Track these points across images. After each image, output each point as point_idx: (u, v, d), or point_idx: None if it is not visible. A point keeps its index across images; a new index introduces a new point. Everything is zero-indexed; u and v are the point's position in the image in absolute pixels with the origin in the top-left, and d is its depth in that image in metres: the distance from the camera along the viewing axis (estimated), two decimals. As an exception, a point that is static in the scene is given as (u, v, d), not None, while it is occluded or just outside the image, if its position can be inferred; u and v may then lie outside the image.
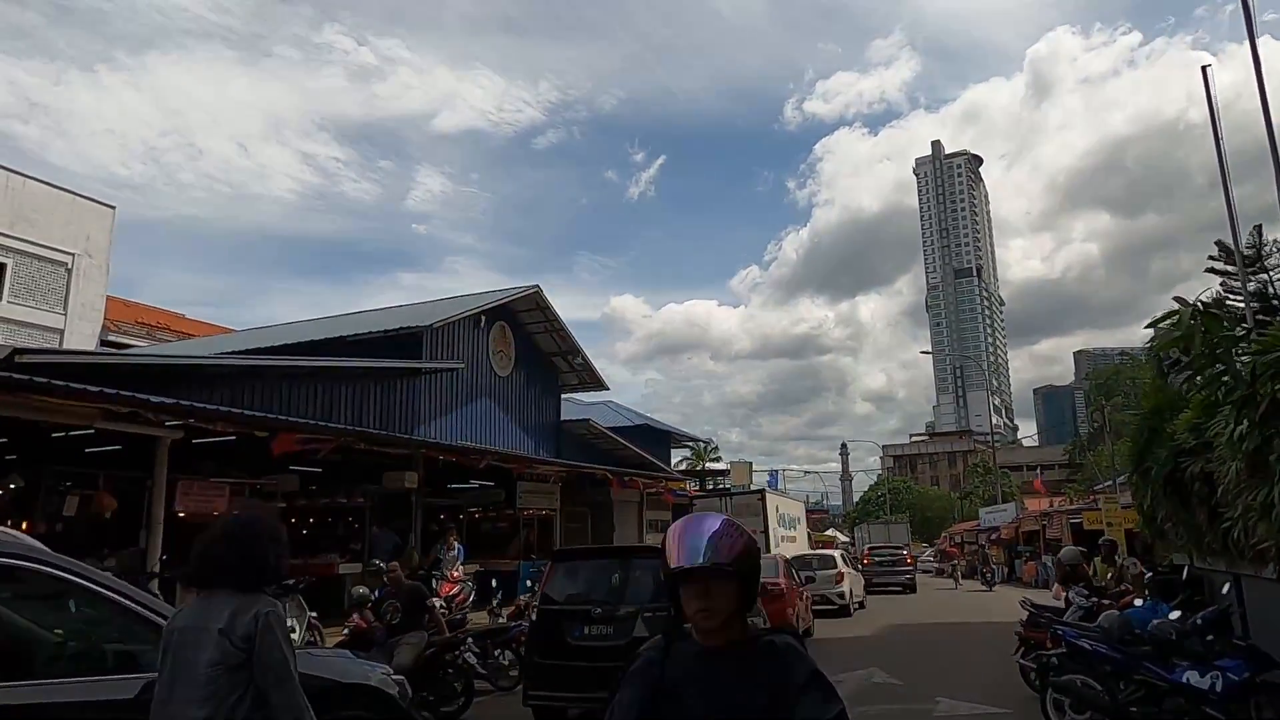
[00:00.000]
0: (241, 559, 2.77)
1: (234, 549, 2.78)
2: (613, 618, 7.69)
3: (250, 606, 2.69)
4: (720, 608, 1.80)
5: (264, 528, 2.88)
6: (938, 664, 12.28)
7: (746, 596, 1.85)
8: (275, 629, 2.69)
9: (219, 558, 2.78)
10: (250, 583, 2.77)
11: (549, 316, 22.75)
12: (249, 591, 2.75)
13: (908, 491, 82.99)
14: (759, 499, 22.44)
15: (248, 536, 2.82)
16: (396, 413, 17.83)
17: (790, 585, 13.90)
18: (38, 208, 28.74)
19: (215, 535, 2.86)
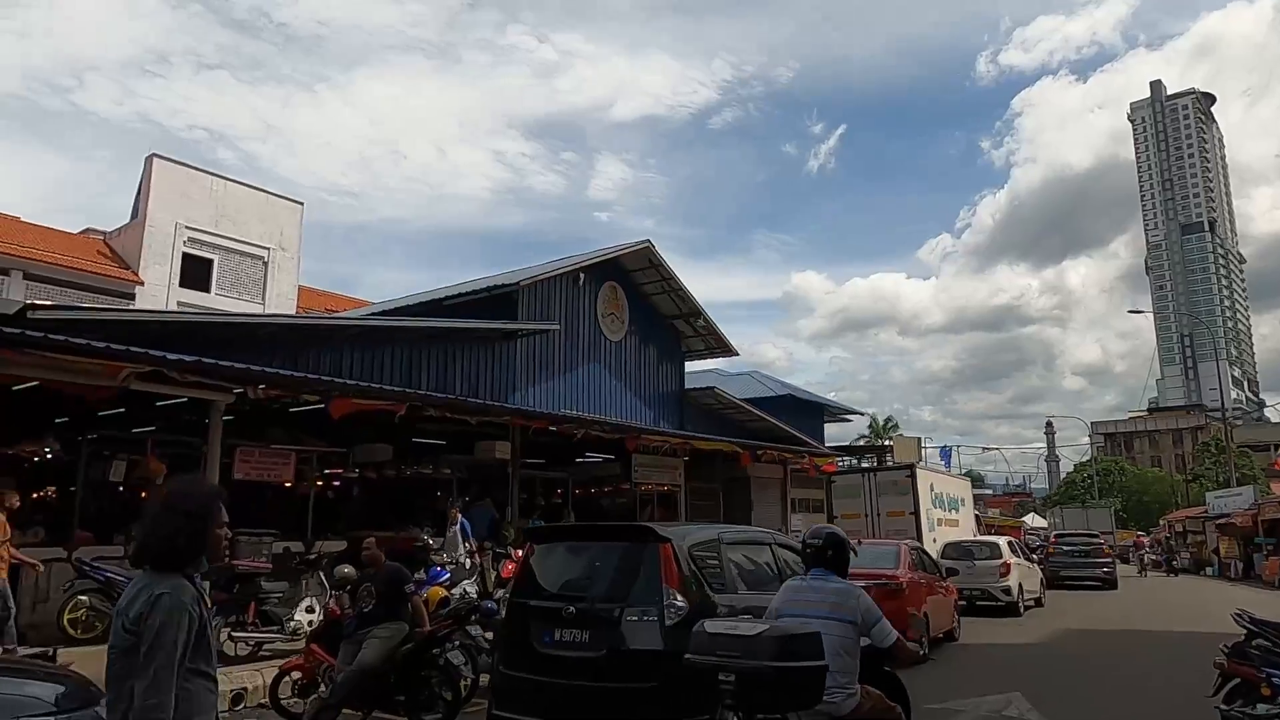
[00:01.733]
0: (155, 537, 2.61)
1: (151, 526, 2.64)
2: (589, 619, 5.72)
3: (154, 587, 2.51)
4: None
5: (182, 503, 2.65)
6: (1105, 694, 9.25)
7: None
8: (159, 614, 2.45)
9: (140, 535, 2.69)
10: (164, 562, 2.58)
11: (663, 275, 20.76)
12: (164, 571, 2.57)
13: (1120, 473, 73.59)
14: (908, 476, 19.41)
15: (164, 512, 2.65)
16: (488, 379, 16.61)
17: (918, 579, 11.21)
18: (238, 207, 31.04)
19: (146, 511, 2.82)
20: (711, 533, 6.39)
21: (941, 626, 12.24)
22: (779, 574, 6.94)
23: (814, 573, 4.41)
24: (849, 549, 4.49)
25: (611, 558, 6.08)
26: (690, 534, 6.21)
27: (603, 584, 5.96)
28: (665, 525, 6.09)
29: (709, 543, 6.22)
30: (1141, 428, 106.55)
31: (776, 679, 3.59)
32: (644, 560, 5.83)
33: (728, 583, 6.12)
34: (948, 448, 47.83)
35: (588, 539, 6.40)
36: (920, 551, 12.33)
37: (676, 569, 5.68)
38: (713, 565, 6.13)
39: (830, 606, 4.14)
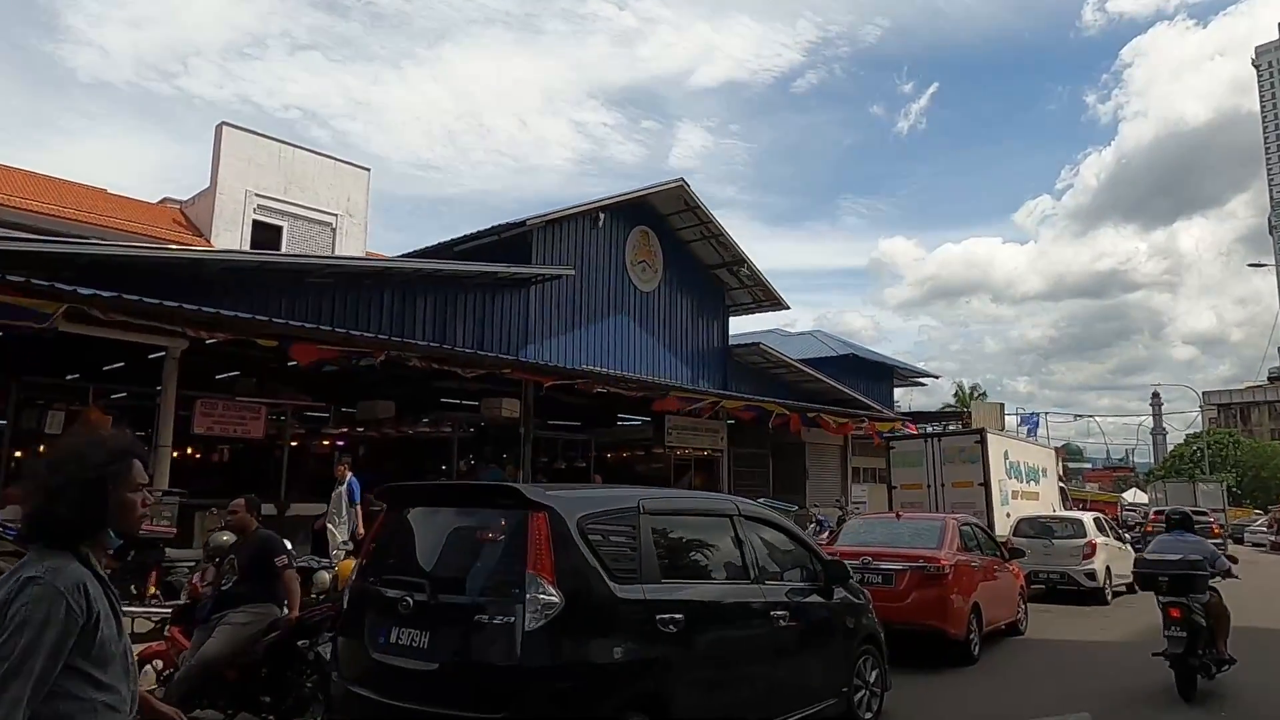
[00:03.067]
0: (36, 504, 2.03)
1: (32, 490, 2.05)
2: (431, 615, 4.06)
3: (26, 569, 1.95)
4: None
5: (71, 461, 2.04)
6: (1204, 716, 7.08)
7: None
8: (20, 604, 1.86)
9: (23, 503, 2.12)
10: (52, 536, 1.99)
11: (701, 218, 18.77)
12: (53, 548, 1.98)
13: (1235, 446, 67.57)
14: (976, 441, 17.00)
15: (48, 473, 2.04)
16: (498, 330, 15.10)
17: (967, 562, 9.12)
18: (305, 174, 30.88)
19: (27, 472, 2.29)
20: (623, 499, 4.61)
21: (1001, 618, 10.12)
22: (744, 561, 5.14)
23: (1175, 532, 8.16)
24: (1192, 518, 8.60)
25: (472, 530, 4.38)
26: (586, 500, 4.45)
27: (454, 566, 4.28)
28: (556, 487, 4.35)
29: (617, 513, 4.45)
30: (1260, 398, 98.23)
31: (1186, 578, 7.41)
32: (509, 536, 4.11)
33: (644, 569, 4.36)
34: (1034, 415, 43.80)
35: (449, 502, 4.65)
36: (975, 528, 10.18)
37: (550, 550, 3.94)
38: (622, 545, 4.36)
39: (1190, 549, 7.75)
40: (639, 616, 4.22)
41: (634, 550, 4.37)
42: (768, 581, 5.30)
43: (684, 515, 5.08)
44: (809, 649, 5.54)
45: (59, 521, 2.01)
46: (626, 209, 17.85)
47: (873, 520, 10.22)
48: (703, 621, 4.59)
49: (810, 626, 5.59)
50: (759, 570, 5.26)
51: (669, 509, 4.93)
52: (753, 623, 5.03)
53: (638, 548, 4.39)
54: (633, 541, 4.39)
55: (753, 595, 5.08)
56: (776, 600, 5.25)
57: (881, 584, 8.57)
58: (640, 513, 4.52)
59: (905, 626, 8.49)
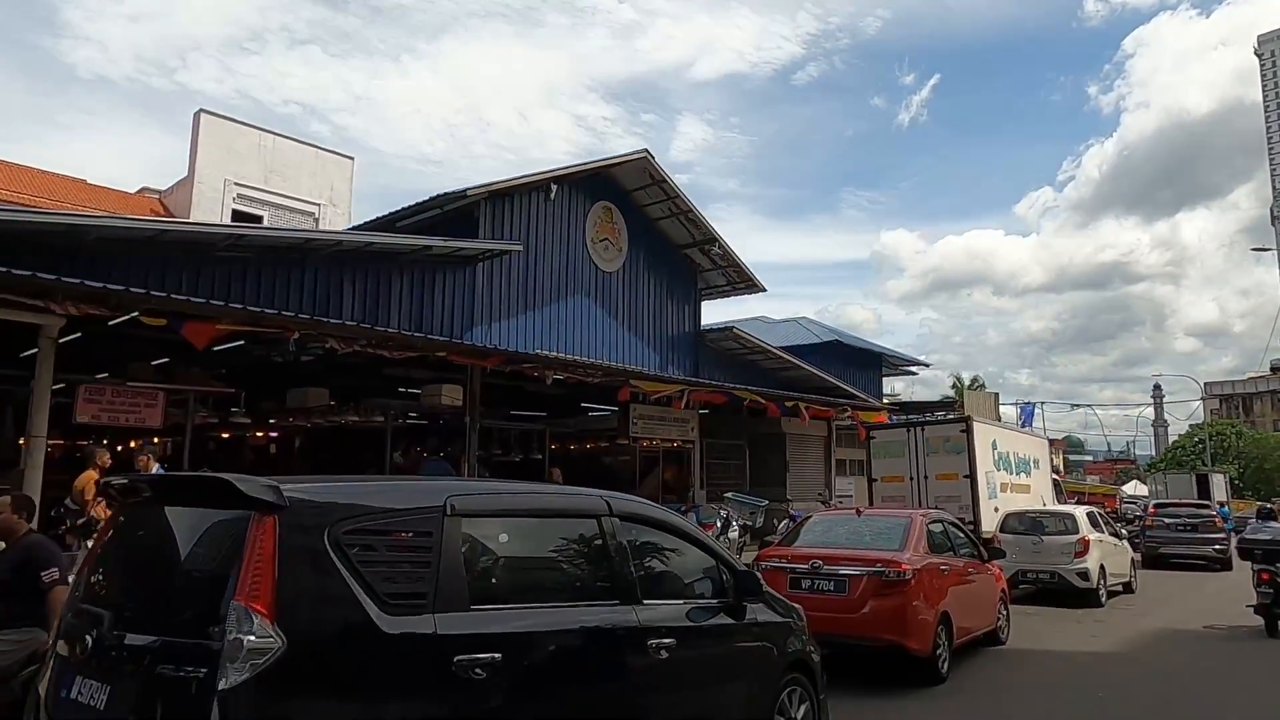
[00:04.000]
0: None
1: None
2: (112, 662, 2.88)
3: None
4: None
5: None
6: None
7: None
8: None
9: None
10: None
11: (668, 193, 17.53)
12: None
13: (1237, 438, 66.29)
14: (962, 430, 15.77)
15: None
16: (440, 310, 13.90)
17: (935, 565, 7.91)
18: (287, 163, 29.80)
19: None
20: (419, 495, 3.41)
21: (978, 627, 8.93)
22: (613, 575, 3.96)
23: (1266, 522, 14.71)
24: (1276, 512, 16.96)
25: (182, 539, 3.17)
26: (352, 497, 3.22)
27: (148, 591, 3.09)
28: (302, 480, 3.12)
29: (406, 516, 3.24)
30: (1263, 389, 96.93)
31: (1275, 551, 10.49)
32: (224, 548, 2.91)
33: (443, 593, 3.16)
34: (1030, 405, 42.29)
35: (163, 499, 3.38)
36: (947, 525, 8.97)
37: (274, 570, 2.74)
38: (409, 560, 3.17)
39: (1276, 532, 11.43)
40: (426, 660, 3.03)
41: (428, 567, 3.17)
42: (649, 601, 4.10)
43: (521, 517, 3.86)
44: (707, 685, 4.35)
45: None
46: (586, 182, 16.61)
47: (831, 518, 9.04)
48: (533, 662, 3.40)
49: (710, 657, 4.41)
50: (636, 587, 4.06)
51: (495, 509, 3.71)
52: (620, 657, 3.84)
53: (435, 563, 3.19)
54: (427, 555, 3.19)
55: (621, 620, 3.89)
56: (659, 625, 4.05)
57: (833, 592, 7.39)
58: (446, 515, 3.32)
59: (860, 642, 7.32)
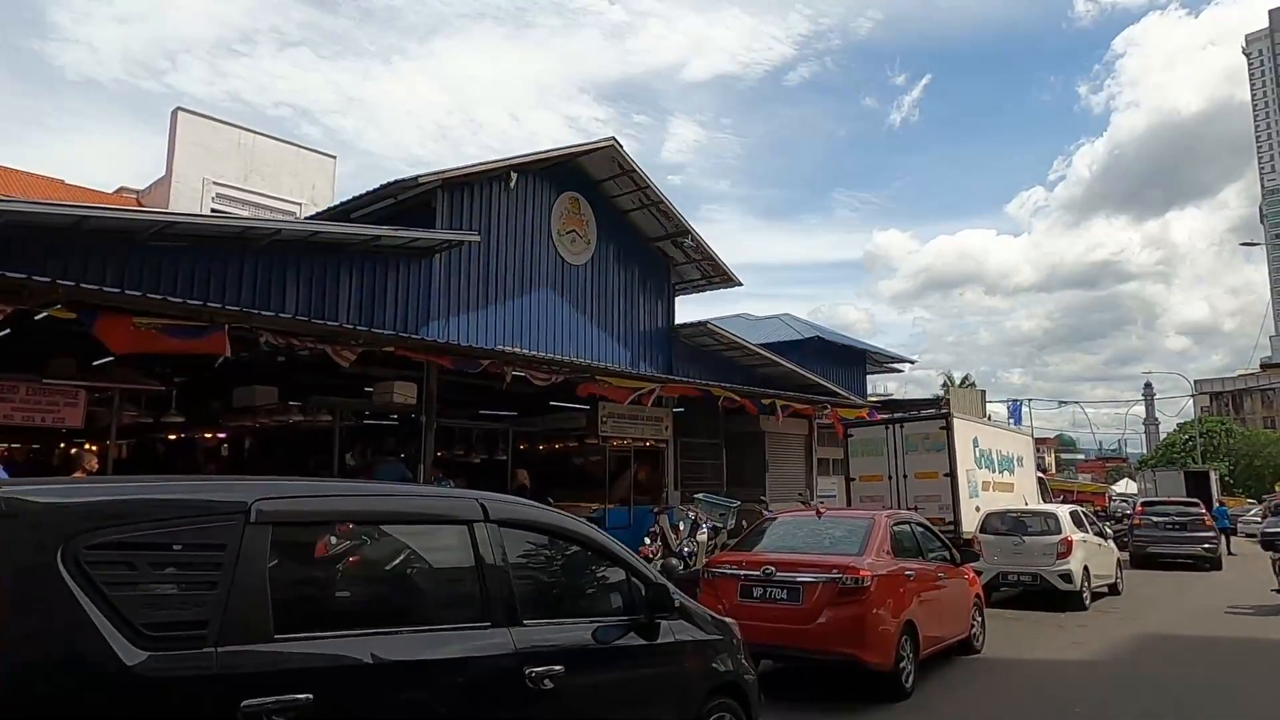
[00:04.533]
0: None
1: None
2: None
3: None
4: None
5: None
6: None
7: None
8: None
9: None
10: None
11: (637, 183, 16.90)
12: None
13: (1227, 435, 65.98)
14: (941, 427, 15.20)
15: None
16: (394, 304, 13.25)
17: (899, 571, 7.30)
18: (267, 161, 29.08)
19: None
20: (205, 497, 2.78)
21: (949, 635, 8.33)
22: (484, 592, 3.34)
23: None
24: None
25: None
26: (108, 500, 2.57)
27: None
28: (41, 482, 2.51)
29: (186, 524, 2.60)
30: (1253, 385, 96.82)
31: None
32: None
33: (233, 619, 2.53)
34: (1018, 403, 41.60)
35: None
36: (915, 527, 8.36)
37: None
38: (185, 580, 2.54)
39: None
40: (199, 707, 2.40)
41: (213, 589, 2.54)
42: (533, 622, 3.47)
43: (363, 524, 3.22)
44: (608, 718, 3.73)
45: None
46: (551, 172, 15.97)
47: (790, 520, 8.43)
48: (360, 702, 2.77)
49: (612, 684, 3.78)
50: (515, 606, 3.43)
51: (322, 514, 3.05)
52: (486, 691, 3.22)
53: (225, 583, 2.55)
54: (213, 573, 2.56)
55: (489, 646, 3.26)
56: (543, 650, 3.42)
57: (786, 601, 6.78)
58: (250, 522, 2.68)
59: (815, 655, 6.70)
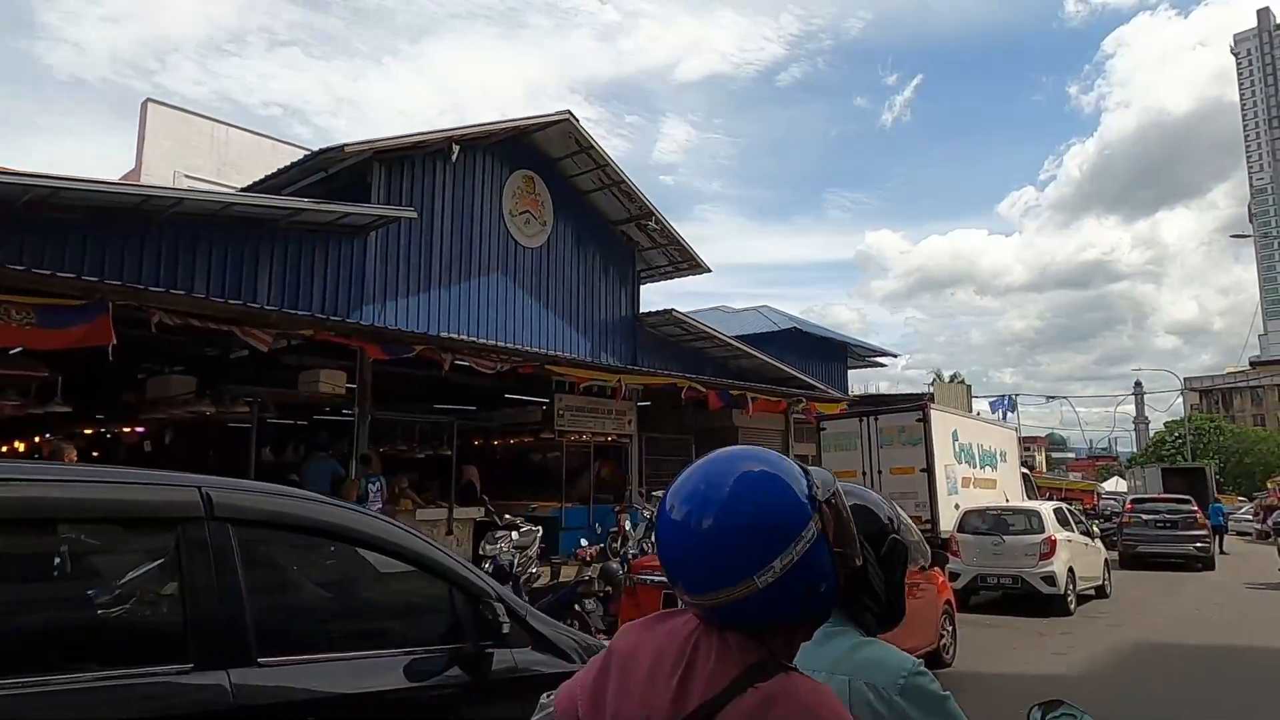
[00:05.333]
0: None
1: None
2: None
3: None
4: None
5: None
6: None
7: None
8: None
9: None
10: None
11: (597, 161, 15.91)
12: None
13: (1217, 433, 65.39)
14: (918, 419, 14.25)
15: None
16: (322, 285, 12.24)
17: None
18: (242, 154, 28.08)
19: None
20: None
21: (915, 647, 7.32)
22: (191, 617, 2.28)
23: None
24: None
25: None
26: None
27: None
28: None
29: None
30: (1242, 384, 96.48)
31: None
32: None
33: None
34: (1005, 398, 40.53)
35: None
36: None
37: None
38: None
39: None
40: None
41: None
42: (273, 660, 2.45)
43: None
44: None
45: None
46: (501, 148, 14.95)
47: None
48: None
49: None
50: (246, 637, 2.40)
51: None
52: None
53: None
54: None
55: (186, 701, 2.23)
56: (292, 699, 2.41)
57: (714, 613, 5.78)
58: None
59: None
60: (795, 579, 1.02)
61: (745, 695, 0.99)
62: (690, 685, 1.03)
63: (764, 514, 1.02)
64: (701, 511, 1.04)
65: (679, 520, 1.06)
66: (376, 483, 11.27)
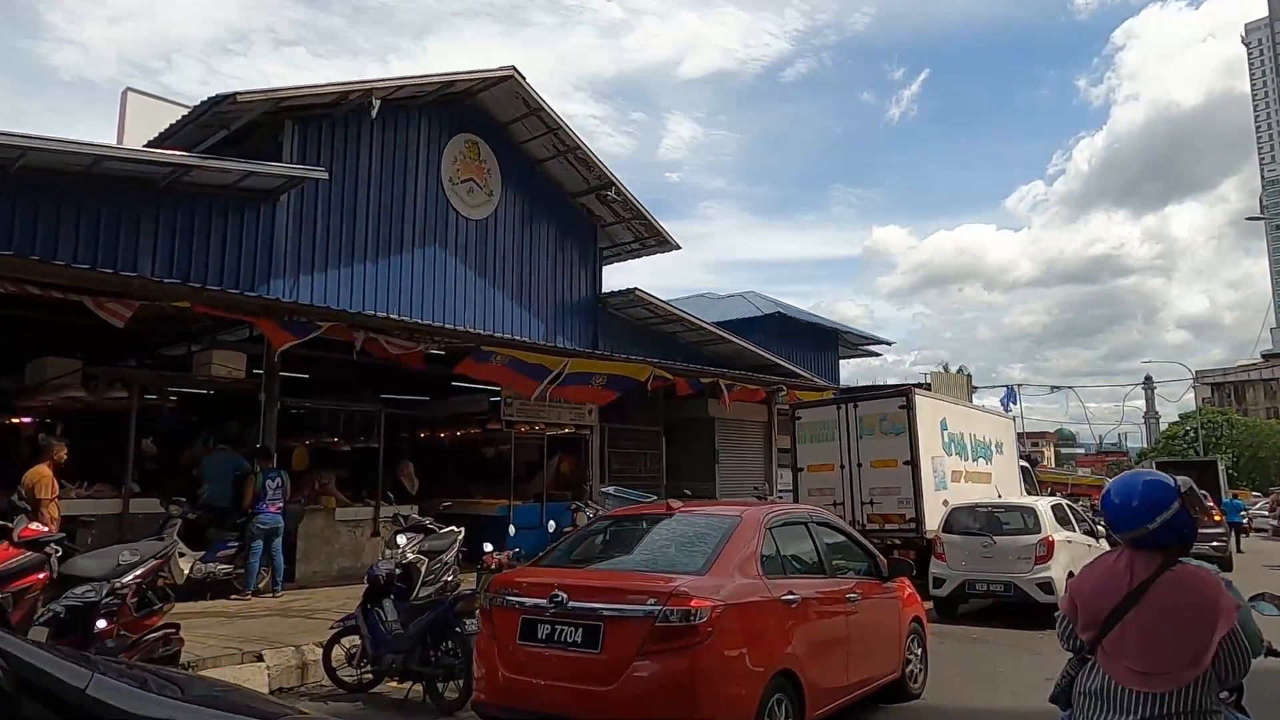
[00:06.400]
0: None
1: None
2: None
3: None
4: None
5: None
6: None
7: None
8: None
9: None
10: None
11: (548, 124, 14.45)
12: None
13: (1228, 426, 63.52)
14: (901, 407, 12.76)
15: None
16: (223, 256, 10.83)
17: (779, 597, 4.84)
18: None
19: None
20: None
21: (870, 678, 5.87)
22: None
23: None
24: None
25: None
26: None
27: None
28: None
29: None
30: (1255, 376, 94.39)
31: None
32: None
33: None
34: (1009, 389, 38.71)
35: None
36: (814, 526, 5.81)
37: None
38: None
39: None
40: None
41: None
42: None
43: None
44: None
45: None
46: (439, 109, 13.51)
47: (624, 519, 5.96)
48: None
49: None
50: None
51: None
52: None
53: None
54: None
55: None
56: None
57: (580, 647, 4.33)
58: None
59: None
60: (1171, 526, 2.34)
61: (1166, 572, 2.33)
62: (1134, 573, 2.36)
63: (1153, 495, 2.38)
64: (1130, 494, 2.43)
65: (1120, 501, 2.43)
66: (276, 478, 9.89)
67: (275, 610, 8.87)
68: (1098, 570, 2.48)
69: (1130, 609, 2.31)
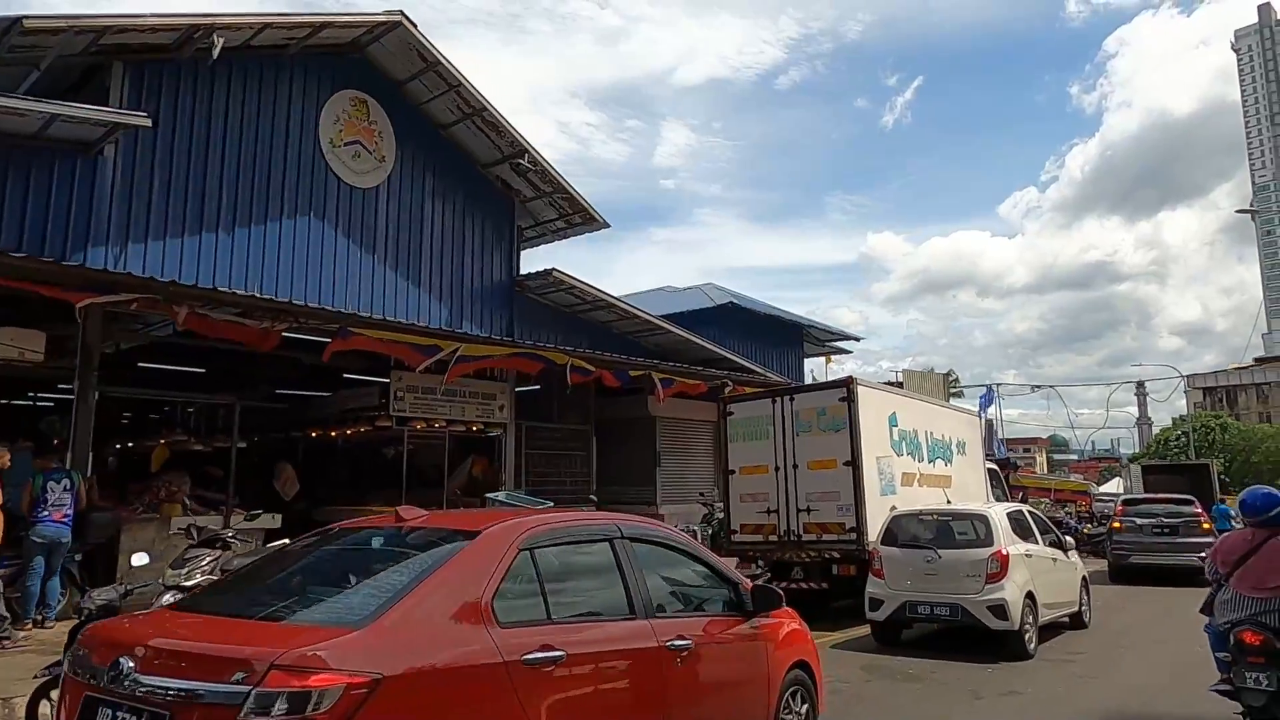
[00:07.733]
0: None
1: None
2: None
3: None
4: None
5: None
6: None
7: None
8: None
9: None
10: None
11: (448, 81, 12.76)
12: None
13: (1222, 430, 62.01)
14: (842, 399, 11.07)
15: None
16: (25, 215, 9.12)
17: (502, 667, 3.16)
18: None
19: None
20: None
21: None
22: None
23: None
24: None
25: None
26: None
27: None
28: None
29: None
30: (1247, 381, 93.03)
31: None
32: None
33: None
34: (990, 389, 36.58)
35: None
36: (621, 542, 4.06)
37: None
38: None
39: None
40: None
41: None
42: None
43: None
44: None
45: None
46: (315, 60, 11.81)
47: (338, 534, 4.22)
48: None
49: None
50: None
51: None
52: None
53: None
54: None
55: None
56: None
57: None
58: None
59: None
60: (1277, 516, 5.20)
61: (1272, 540, 5.13)
62: (1255, 537, 5.21)
63: (1271, 499, 5.29)
64: (1257, 497, 5.38)
65: (1252, 501, 5.37)
66: (64, 479, 8.16)
67: (32, 647, 7.13)
68: (1235, 538, 5.35)
69: (1250, 557, 5.08)
